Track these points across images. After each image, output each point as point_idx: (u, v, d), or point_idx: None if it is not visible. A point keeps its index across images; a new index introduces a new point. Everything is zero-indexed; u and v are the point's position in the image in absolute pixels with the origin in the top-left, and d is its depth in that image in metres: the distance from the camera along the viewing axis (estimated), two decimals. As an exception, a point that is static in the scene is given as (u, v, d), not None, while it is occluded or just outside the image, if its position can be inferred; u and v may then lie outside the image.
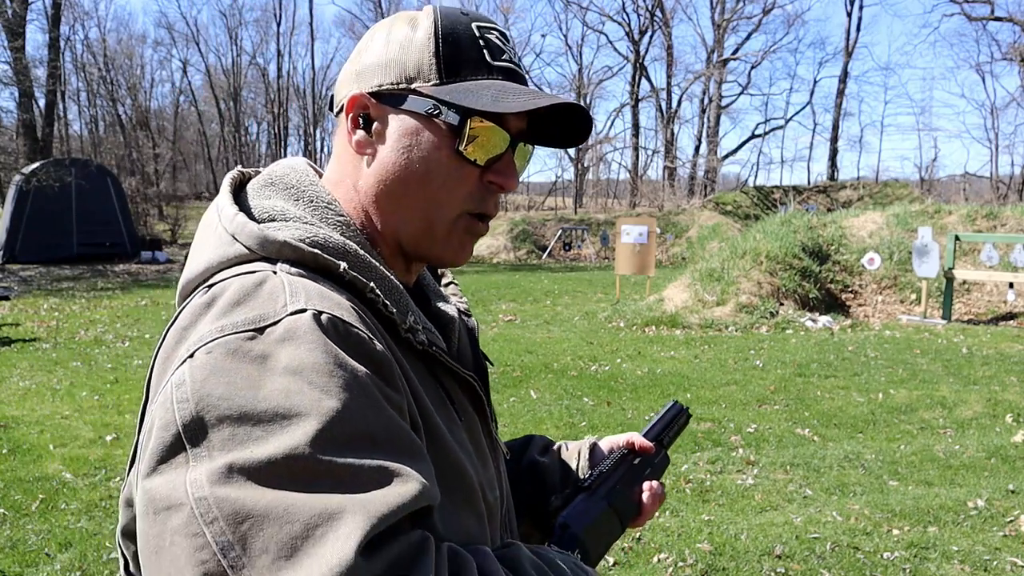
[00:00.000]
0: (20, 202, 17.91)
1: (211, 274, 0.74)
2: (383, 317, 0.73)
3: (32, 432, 5.34)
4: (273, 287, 0.67)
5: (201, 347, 0.63)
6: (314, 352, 0.62)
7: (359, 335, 0.65)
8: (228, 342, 0.62)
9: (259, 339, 0.62)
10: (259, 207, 0.77)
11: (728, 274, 10.95)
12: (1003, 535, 3.72)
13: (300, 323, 0.63)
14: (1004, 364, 7.60)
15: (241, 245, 0.73)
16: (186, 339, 0.65)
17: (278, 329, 0.63)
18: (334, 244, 0.74)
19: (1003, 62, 35.39)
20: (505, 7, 41.54)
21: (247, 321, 0.64)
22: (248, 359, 0.61)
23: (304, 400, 0.59)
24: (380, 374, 0.65)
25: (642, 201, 35.37)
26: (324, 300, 0.66)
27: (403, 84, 0.78)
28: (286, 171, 0.82)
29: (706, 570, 3.39)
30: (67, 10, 29.95)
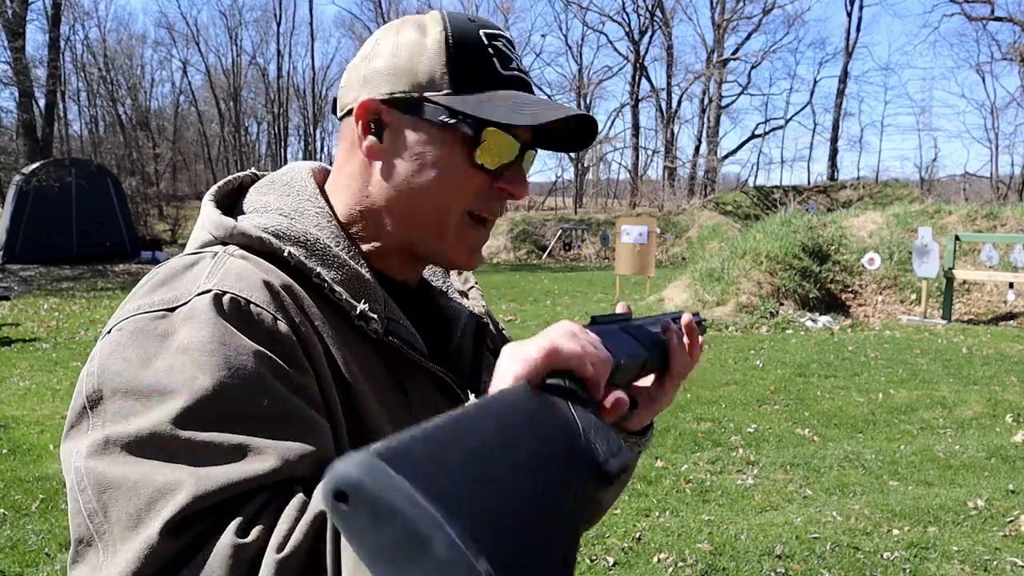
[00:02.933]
0: (20, 202, 17.90)
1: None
2: (332, 304, 0.76)
3: (32, 432, 5.34)
4: (200, 269, 0.72)
5: (116, 324, 0.69)
6: (203, 330, 0.65)
7: (261, 314, 0.68)
8: (138, 320, 0.67)
9: (168, 318, 0.67)
10: (250, 201, 0.84)
11: (728, 274, 10.95)
12: (1003, 535, 3.72)
13: (200, 303, 0.67)
14: (1004, 364, 7.60)
15: (207, 233, 0.79)
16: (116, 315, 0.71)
17: (183, 309, 0.67)
18: (293, 232, 0.77)
19: (1003, 62, 35.41)
20: (505, 7, 41.55)
21: (163, 301, 0.69)
22: (151, 337, 0.66)
23: (180, 377, 0.62)
24: (277, 351, 0.67)
25: (642, 201, 35.37)
26: (238, 281, 0.70)
27: (416, 92, 0.79)
28: (287, 171, 0.87)
29: (706, 570, 3.39)
30: (67, 10, 29.94)
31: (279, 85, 43.08)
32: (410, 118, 0.79)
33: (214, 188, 0.86)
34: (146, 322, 0.67)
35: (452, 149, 0.79)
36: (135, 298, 0.71)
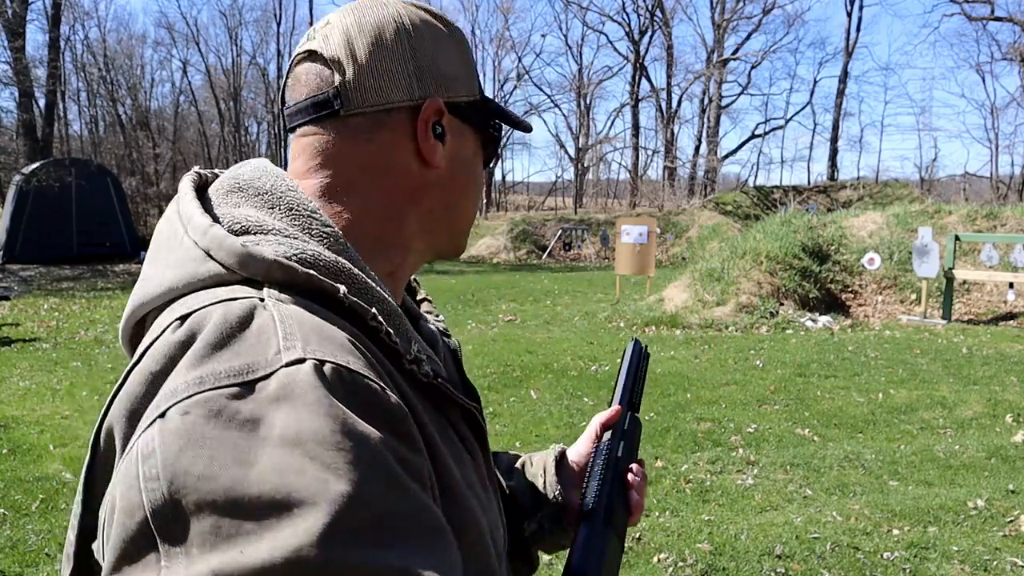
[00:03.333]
0: (20, 202, 17.92)
1: (175, 296, 0.62)
2: (385, 347, 0.62)
3: (32, 432, 5.34)
4: (263, 324, 0.56)
5: (175, 405, 0.51)
6: (316, 417, 0.50)
7: (369, 386, 0.55)
8: (210, 400, 0.50)
9: (248, 397, 0.51)
10: (228, 216, 0.65)
11: (728, 274, 10.95)
12: (1003, 535, 3.72)
13: (299, 378, 0.52)
14: (1004, 364, 7.60)
15: (216, 263, 0.61)
16: (156, 389, 0.54)
17: (271, 385, 0.51)
18: (327, 262, 0.63)
19: (1003, 62, 35.41)
20: (505, 7, 41.57)
21: (232, 372, 0.52)
22: (235, 425, 0.49)
23: (306, 482, 0.47)
24: (397, 432, 0.55)
25: (642, 201, 35.38)
26: (325, 343, 0.56)
27: (471, 96, 0.77)
28: (256, 173, 0.70)
29: (706, 570, 3.39)
30: (67, 10, 29.94)
31: (279, 85, 43.05)
32: (459, 122, 0.76)
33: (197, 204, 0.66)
34: (222, 403, 0.50)
35: (480, 152, 0.80)
36: (184, 367, 0.53)
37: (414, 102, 0.72)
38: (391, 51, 0.71)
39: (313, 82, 0.71)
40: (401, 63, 0.71)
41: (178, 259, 0.63)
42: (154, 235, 0.70)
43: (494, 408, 6.05)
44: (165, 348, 0.56)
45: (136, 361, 0.58)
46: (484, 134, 0.80)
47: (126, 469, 0.50)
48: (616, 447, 0.97)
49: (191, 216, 0.65)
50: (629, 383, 1.04)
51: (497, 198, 43.85)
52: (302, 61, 0.73)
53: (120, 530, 0.49)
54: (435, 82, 0.73)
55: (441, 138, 0.73)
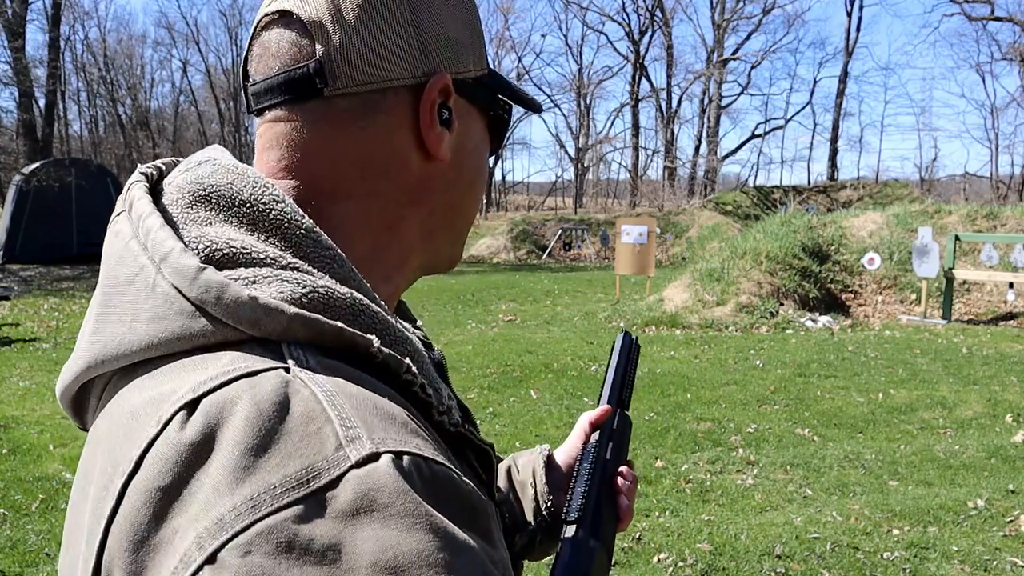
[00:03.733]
0: (20, 202, 17.92)
1: (148, 356, 0.48)
2: (417, 399, 0.51)
3: (32, 432, 5.34)
4: (307, 409, 0.42)
5: (228, 542, 0.38)
6: (413, 532, 0.39)
7: (447, 475, 0.44)
8: (273, 530, 0.38)
9: (319, 519, 0.39)
10: (201, 241, 0.49)
11: (728, 274, 10.96)
12: (1003, 535, 3.72)
13: (378, 481, 0.40)
14: (1004, 364, 7.60)
15: (213, 322, 0.46)
16: (179, 512, 0.41)
17: (343, 494, 0.39)
18: (345, 303, 0.49)
19: (1003, 62, 35.43)
20: (505, 7, 41.59)
21: (288, 483, 0.39)
22: (312, 557, 0.38)
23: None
24: (483, 532, 0.45)
25: (642, 201, 35.40)
26: (390, 425, 0.44)
27: (479, 71, 0.62)
28: (227, 176, 0.53)
29: (706, 570, 3.39)
30: (67, 10, 29.97)
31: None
32: (466, 102, 0.61)
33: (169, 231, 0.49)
34: (290, 530, 0.38)
35: (487, 138, 0.65)
36: (227, 485, 0.40)
37: (417, 80, 0.57)
38: (388, 12, 0.56)
39: (287, 52, 0.55)
40: (400, 28, 0.56)
41: (154, 311, 0.47)
42: (105, 267, 0.52)
43: (494, 408, 6.05)
44: (176, 454, 0.42)
45: (132, 470, 0.43)
46: (493, 116, 0.65)
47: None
48: (604, 449, 0.91)
49: (167, 252, 0.48)
50: (619, 379, 0.98)
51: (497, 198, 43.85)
52: (271, 24, 0.56)
53: None
54: (442, 53, 0.58)
55: (447, 124, 0.58)
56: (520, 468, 0.90)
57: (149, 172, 0.57)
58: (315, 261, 0.51)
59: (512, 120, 0.69)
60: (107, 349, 0.49)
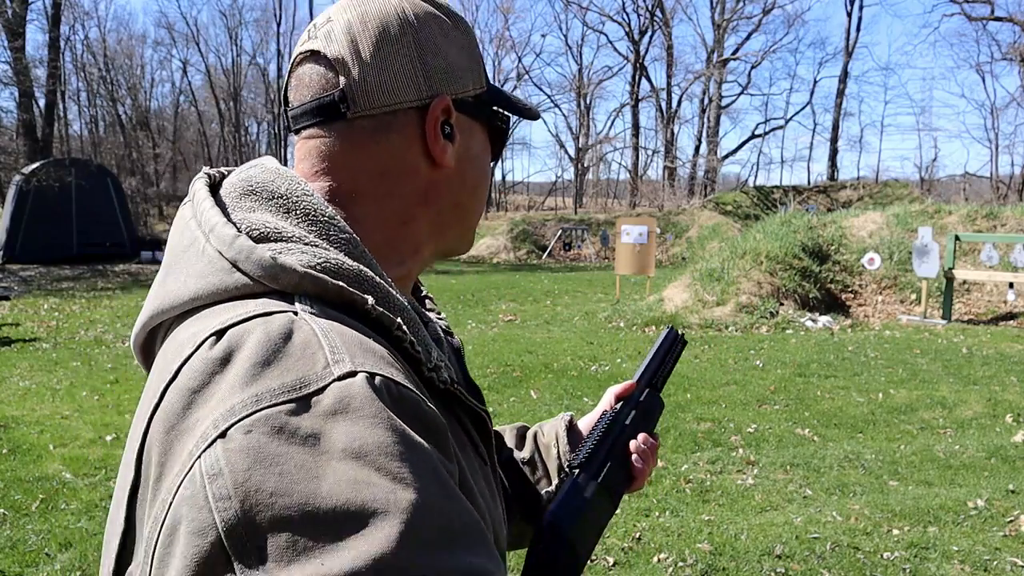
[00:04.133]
0: (20, 202, 17.93)
1: (199, 306, 0.61)
2: (408, 355, 0.62)
3: (32, 432, 5.34)
4: (306, 339, 0.55)
5: (236, 424, 0.50)
6: (376, 429, 0.50)
7: (413, 398, 0.55)
8: (270, 417, 0.50)
9: (306, 413, 0.51)
10: (245, 222, 0.63)
11: (728, 274, 10.96)
12: (1003, 535, 3.72)
13: (353, 391, 0.52)
14: (1004, 364, 7.60)
15: (243, 275, 0.60)
16: (201, 405, 0.53)
17: (326, 398, 0.51)
18: (351, 272, 0.62)
19: (1003, 62, 35.42)
20: (505, 7, 41.59)
21: (285, 387, 0.52)
22: (298, 440, 0.49)
23: (377, 493, 0.48)
24: (438, 444, 0.55)
25: (642, 201, 35.40)
26: (369, 355, 0.56)
27: (479, 90, 0.75)
28: (269, 176, 0.68)
29: (706, 570, 3.39)
30: (67, 10, 29.95)
31: (279, 85, 43.10)
32: (466, 117, 0.74)
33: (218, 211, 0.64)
34: (283, 419, 0.50)
35: (489, 147, 0.78)
36: (232, 384, 0.53)
37: (422, 102, 0.70)
38: (397, 48, 0.69)
39: (317, 84, 0.69)
40: (408, 60, 0.69)
41: (201, 270, 0.61)
42: (170, 241, 0.68)
43: (494, 408, 6.05)
44: (204, 365, 0.55)
45: (172, 378, 0.56)
46: (492, 127, 0.78)
47: (191, 491, 0.49)
48: (624, 414, 0.95)
49: (213, 224, 0.63)
50: (654, 364, 1.02)
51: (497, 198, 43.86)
52: (304, 61, 0.71)
53: (190, 552, 0.48)
54: (443, 78, 0.71)
55: (450, 137, 0.71)
56: (545, 433, 1.02)
57: (212, 173, 0.72)
58: (334, 241, 0.64)
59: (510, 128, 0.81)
60: (167, 300, 0.63)
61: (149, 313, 0.65)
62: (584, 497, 0.86)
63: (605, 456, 0.90)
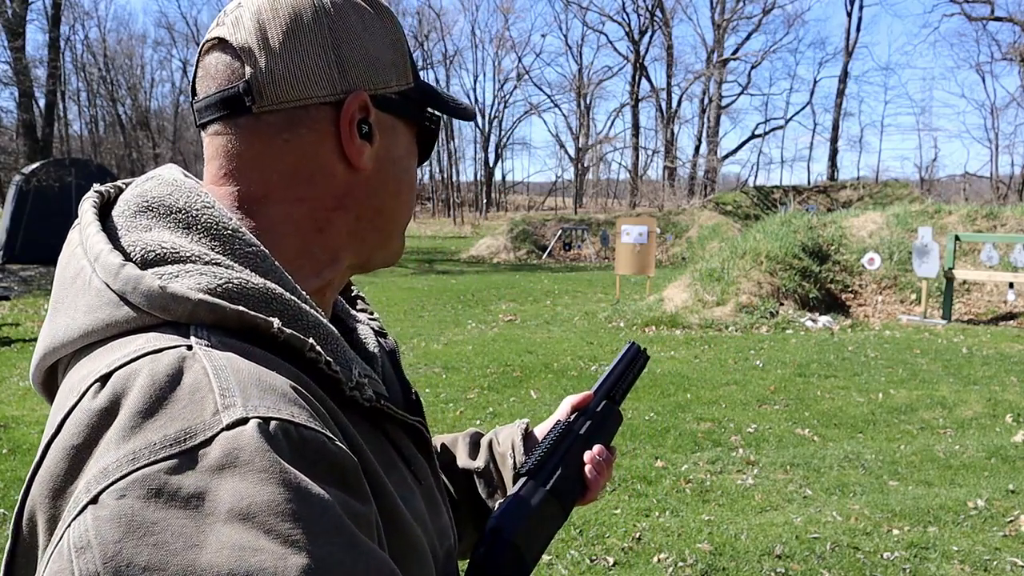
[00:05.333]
0: (20, 202, 17.91)
1: (88, 342, 0.56)
2: (324, 377, 0.58)
3: (32, 432, 5.34)
4: (195, 381, 0.50)
5: (109, 488, 0.45)
6: (267, 485, 0.46)
7: (317, 439, 0.50)
8: (147, 479, 0.45)
9: (189, 470, 0.46)
10: (138, 244, 0.58)
11: (728, 274, 10.96)
12: (1003, 535, 3.72)
13: (242, 442, 0.47)
14: (1004, 364, 7.60)
15: (132, 308, 0.54)
16: (81, 465, 0.48)
17: (213, 452, 0.46)
18: (255, 290, 0.57)
19: (1003, 62, 35.43)
20: (505, 7, 41.60)
21: (167, 441, 0.47)
22: (178, 503, 0.45)
23: (264, 560, 0.44)
24: (347, 486, 0.52)
25: (642, 201, 35.41)
26: (267, 395, 0.51)
27: (402, 85, 0.69)
28: (166, 189, 0.62)
29: (706, 570, 3.39)
30: (67, 10, 29.97)
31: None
32: (389, 116, 0.68)
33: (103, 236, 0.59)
34: (161, 479, 0.45)
35: (414, 147, 0.72)
36: (112, 440, 0.48)
37: (336, 97, 0.64)
38: (309, 38, 0.63)
39: (222, 74, 0.63)
40: (321, 51, 0.63)
41: (89, 303, 0.56)
42: (57, 272, 0.62)
43: (494, 408, 6.05)
44: (87, 418, 0.50)
45: (55, 432, 0.51)
46: (420, 127, 0.72)
47: (57, 566, 0.44)
48: (580, 424, 0.94)
49: (98, 252, 0.57)
50: (613, 377, 1.00)
51: (497, 198, 43.84)
52: (211, 49, 0.65)
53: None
54: (360, 72, 0.65)
55: (368, 137, 0.66)
56: (500, 441, 0.98)
57: (105, 191, 0.67)
58: (239, 257, 0.59)
59: (440, 129, 0.74)
60: (56, 338, 0.58)
61: (41, 352, 0.60)
62: (530, 503, 0.84)
63: (556, 464, 0.88)
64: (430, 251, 24.84)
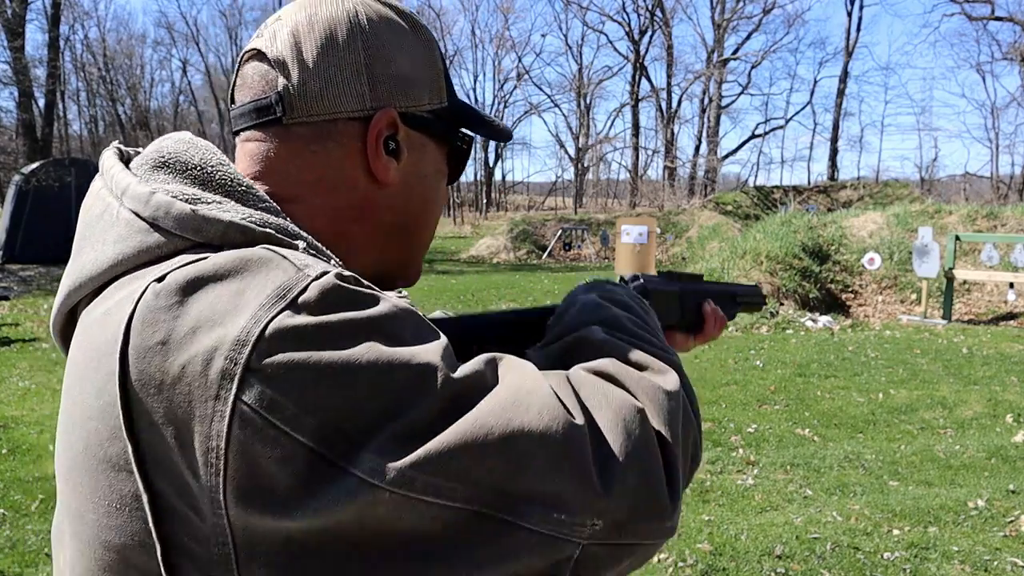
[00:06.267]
0: (20, 202, 17.90)
1: (116, 273, 0.58)
2: None
3: (32, 432, 5.34)
4: (263, 257, 0.54)
5: (251, 352, 0.49)
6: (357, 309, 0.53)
7: (373, 294, 0.57)
8: (281, 330, 0.50)
9: (304, 313, 0.51)
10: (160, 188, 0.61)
11: (728, 274, 10.95)
12: (1003, 535, 3.72)
13: (329, 284, 0.53)
14: (1004, 364, 7.59)
15: (164, 232, 0.57)
16: (183, 348, 0.51)
17: (313, 295, 0.52)
18: (277, 224, 0.60)
19: (1003, 62, 35.42)
20: (505, 7, 41.60)
21: (271, 298, 0.51)
22: (319, 341, 0.50)
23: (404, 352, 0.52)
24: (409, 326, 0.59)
25: (642, 201, 35.41)
26: (326, 263, 0.57)
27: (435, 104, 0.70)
28: (182, 147, 0.64)
29: (706, 570, 3.39)
30: (67, 10, 29.96)
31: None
32: (419, 134, 0.69)
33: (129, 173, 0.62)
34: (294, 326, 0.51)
35: (444, 167, 0.73)
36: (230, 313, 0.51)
37: (365, 113, 0.65)
38: (342, 54, 0.65)
39: (258, 84, 0.66)
40: (353, 68, 0.65)
41: (118, 234, 0.58)
42: (80, 216, 0.64)
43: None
44: (157, 314, 0.52)
45: (123, 343, 0.53)
46: (450, 146, 0.73)
47: (251, 430, 0.49)
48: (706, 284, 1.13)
49: (125, 186, 0.60)
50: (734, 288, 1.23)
51: (497, 198, 43.86)
52: (250, 59, 0.67)
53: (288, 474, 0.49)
54: (392, 90, 0.66)
55: (395, 154, 0.67)
56: None
57: (124, 149, 0.68)
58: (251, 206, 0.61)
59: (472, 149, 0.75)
60: (83, 272, 0.60)
61: (65, 292, 0.62)
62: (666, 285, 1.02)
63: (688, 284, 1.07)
64: (430, 251, 24.52)
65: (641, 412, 0.59)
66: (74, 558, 0.59)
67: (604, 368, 0.62)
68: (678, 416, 0.62)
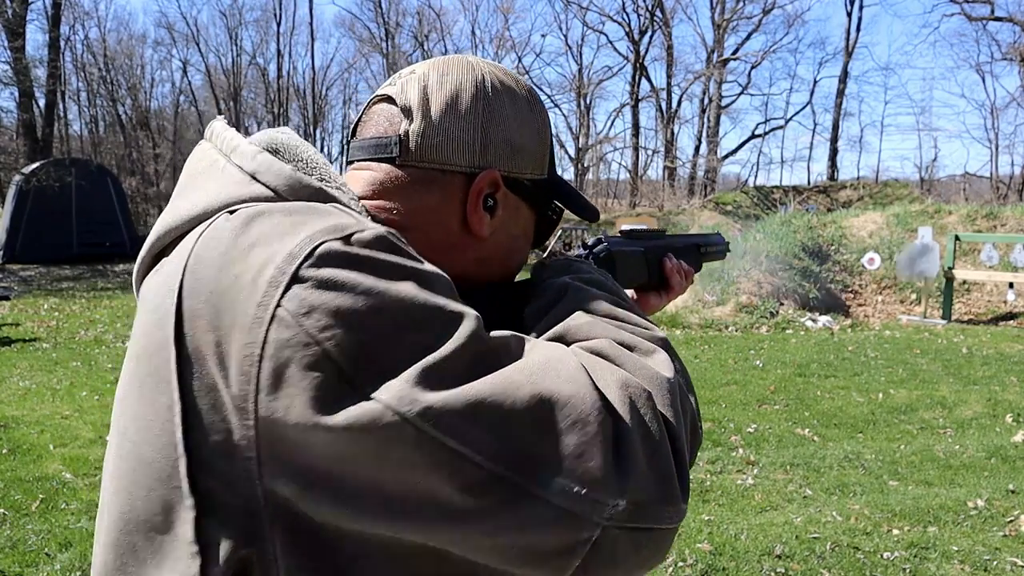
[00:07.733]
0: (20, 202, 17.90)
1: (212, 213, 0.63)
2: None
3: (32, 432, 5.34)
4: (328, 208, 0.60)
5: (301, 265, 0.54)
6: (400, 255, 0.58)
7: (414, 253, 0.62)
8: (333, 251, 0.55)
9: (355, 246, 0.56)
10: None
11: (728, 274, 10.96)
12: (1003, 535, 3.72)
13: (380, 232, 0.58)
14: (1004, 364, 7.60)
15: (263, 186, 0.63)
16: (238, 261, 0.56)
17: (365, 235, 0.57)
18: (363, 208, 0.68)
19: (1003, 62, 35.39)
20: (505, 7, 41.56)
21: (328, 229, 0.56)
22: (366, 269, 0.55)
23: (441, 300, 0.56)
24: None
25: (642, 201, 35.39)
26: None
27: (536, 176, 0.76)
28: (295, 141, 0.70)
29: (706, 570, 3.39)
30: (67, 10, 29.95)
31: (279, 85, 43.09)
32: (516, 199, 0.75)
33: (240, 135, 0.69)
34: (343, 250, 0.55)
35: (531, 232, 0.79)
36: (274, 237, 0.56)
37: (472, 170, 0.71)
38: (463, 115, 0.71)
39: (382, 124, 0.72)
40: (470, 129, 0.71)
41: (219, 183, 0.64)
42: (185, 170, 0.70)
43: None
44: (224, 233, 0.58)
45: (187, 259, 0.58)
46: (541, 214, 0.79)
47: (288, 335, 0.52)
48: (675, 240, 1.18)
49: (235, 144, 0.67)
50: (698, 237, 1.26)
51: (497, 198, 43.64)
52: (379, 102, 0.74)
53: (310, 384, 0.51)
54: (501, 153, 0.72)
55: (491, 210, 0.72)
56: None
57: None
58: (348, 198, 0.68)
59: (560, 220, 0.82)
60: (177, 216, 0.64)
61: (157, 234, 0.66)
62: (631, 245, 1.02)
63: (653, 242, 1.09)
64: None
65: (648, 393, 0.60)
66: (114, 475, 0.61)
67: (602, 349, 0.64)
68: (676, 396, 0.64)
